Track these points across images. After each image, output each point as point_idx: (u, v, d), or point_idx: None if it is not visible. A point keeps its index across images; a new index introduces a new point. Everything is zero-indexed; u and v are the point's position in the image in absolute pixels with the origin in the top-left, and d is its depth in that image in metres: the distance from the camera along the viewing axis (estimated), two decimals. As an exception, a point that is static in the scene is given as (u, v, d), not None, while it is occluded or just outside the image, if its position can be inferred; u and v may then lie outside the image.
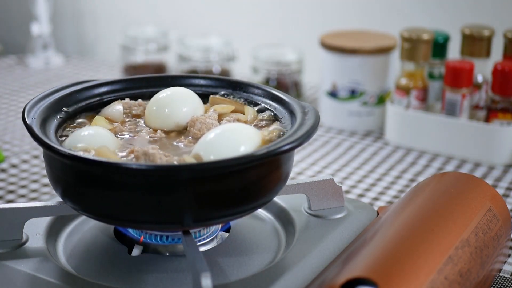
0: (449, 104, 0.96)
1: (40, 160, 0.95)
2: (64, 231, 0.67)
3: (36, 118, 0.61)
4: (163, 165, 0.55)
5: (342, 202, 0.70)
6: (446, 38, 1.03)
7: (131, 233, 0.64)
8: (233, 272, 0.61)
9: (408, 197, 0.67)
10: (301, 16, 1.35)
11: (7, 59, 1.42)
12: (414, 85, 0.99)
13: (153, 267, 0.61)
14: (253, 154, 0.56)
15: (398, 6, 1.26)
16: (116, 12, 1.52)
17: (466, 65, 0.94)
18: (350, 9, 1.30)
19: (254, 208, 0.60)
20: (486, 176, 0.92)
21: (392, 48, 1.05)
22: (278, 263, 0.61)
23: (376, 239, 0.59)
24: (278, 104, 0.66)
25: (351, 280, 0.52)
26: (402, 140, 1.01)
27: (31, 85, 1.28)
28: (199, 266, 0.53)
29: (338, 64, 1.05)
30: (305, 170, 0.94)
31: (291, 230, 0.67)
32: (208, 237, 0.64)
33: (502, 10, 1.17)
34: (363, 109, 1.06)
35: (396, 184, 0.90)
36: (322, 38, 1.08)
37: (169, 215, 0.57)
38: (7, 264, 0.60)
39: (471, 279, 0.58)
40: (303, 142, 0.58)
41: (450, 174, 0.71)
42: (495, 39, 1.00)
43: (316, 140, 1.04)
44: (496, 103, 0.94)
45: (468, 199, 0.65)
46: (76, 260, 0.63)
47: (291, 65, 1.15)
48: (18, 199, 0.84)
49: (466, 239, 0.59)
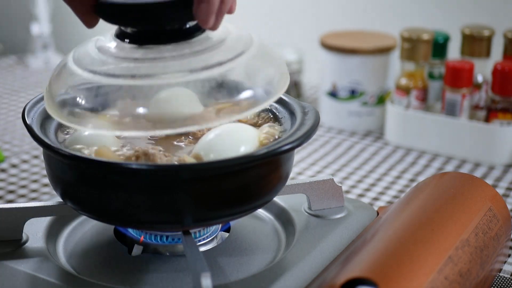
0: (449, 104, 0.96)
1: (40, 160, 0.95)
2: (64, 231, 0.67)
3: (36, 118, 0.61)
4: (163, 165, 0.55)
5: (342, 202, 0.70)
6: (446, 38, 1.03)
7: (131, 233, 0.64)
8: (233, 272, 0.61)
9: (408, 197, 0.67)
10: (301, 16, 1.35)
11: (7, 59, 1.42)
12: (414, 85, 0.99)
13: (153, 267, 0.61)
14: (253, 154, 0.56)
15: (398, 6, 1.26)
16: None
17: (466, 65, 0.94)
18: (350, 9, 1.30)
19: (254, 208, 0.60)
20: (486, 176, 0.92)
21: (392, 48, 1.05)
22: (278, 263, 0.61)
23: (376, 239, 0.59)
24: (278, 104, 0.66)
25: (351, 280, 0.52)
26: (402, 140, 1.01)
27: (31, 85, 1.28)
28: (199, 266, 0.53)
29: (338, 64, 1.05)
30: (305, 170, 0.94)
31: (291, 230, 0.67)
32: (208, 237, 0.64)
33: (502, 10, 1.17)
34: (363, 109, 1.06)
35: (396, 184, 0.90)
36: (322, 38, 1.08)
37: (169, 215, 0.57)
38: (7, 264, 0.60)
39: (471, 279, 0.58)
40: (303, 142, 0.58)
41: (450, 174, 0.71)
42: (495, 39, 1.00)
43: (316, 140, 1.04)
44: (496, 103, 0.94)
45: (468, 199, 0.65)
46: (76, 260, 0.63)
47: (291, 65, 1.15)
48: (18, 199, 0.84)
49: (466, 239, 0.59)
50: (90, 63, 0.58)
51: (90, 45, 0.60)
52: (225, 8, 0.55)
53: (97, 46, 0.59)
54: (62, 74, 0.59)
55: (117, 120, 0.56)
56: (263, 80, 0.59)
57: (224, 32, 0.59)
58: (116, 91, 0.56)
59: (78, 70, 0.58)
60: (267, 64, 0.60)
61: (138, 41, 0.58)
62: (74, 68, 0.58)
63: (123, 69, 0.56)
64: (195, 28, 0.58)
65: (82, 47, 0.60)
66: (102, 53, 0.58)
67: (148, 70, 0.56)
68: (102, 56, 0.58)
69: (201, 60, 0.57)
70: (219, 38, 0.59)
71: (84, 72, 0.57)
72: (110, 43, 0.59)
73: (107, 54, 0.58)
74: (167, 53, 0.57)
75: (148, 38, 0.58)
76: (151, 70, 0.56)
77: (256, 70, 0.59)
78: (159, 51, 0.57)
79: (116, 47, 0.58)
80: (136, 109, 0.56)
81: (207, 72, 0.56)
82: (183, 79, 0.56)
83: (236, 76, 0.57)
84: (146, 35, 0.58)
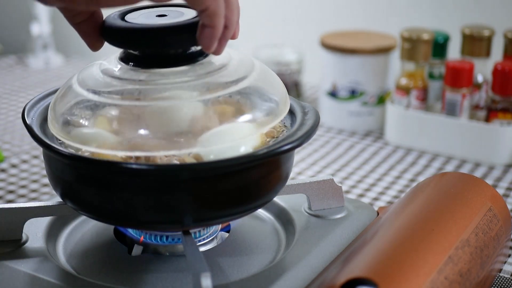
0: (449, 104, 0.96)
1: (40, 160, 0.95)
2: (64, 231, 0.67)
3: (36, 118, 0.61)
4: (163, 165, 0.55)
5: (342, 202, 0.70)
6: (446, 38, 1.03)
7: (131, 233, 0.64)
8: (233, 272, 0.61)
9: (408, 197, 0.67)
10: (301, 16, 1.35)
11: (7, 59, 1.42)
12: (414, 85, 0.99)
13: (153, 267, 0.61)
14: (253, 154, 0.56)
15: (398, 6, 1.26)
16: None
17: (466, 65, 0.94)
18: (350, 9, 1.30)
19: (254, 208, 0.60)
20: (486, 176, 0.92)
21: (392, 48, 1.05)
22: (278, 263, 0.61)
23: (376, 239, 0.59)
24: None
25: (351, 280, 0.52)
26: (402, 140, 1.01)
27: (31, 85, 1.28)
28: (199, 266, 0.53)
29: (338, 64, 1.05)
30: (305, 170, 0.94)
31: (291, 230, 0.67)
32: (208, 237, 0.64)
33: (502, 10, 1.17)
34: (363, 109, 1.06)
35: (396, 184, 0.90)
36: (322, 38, 1.08)
37: (169, 215, 0.57)
38: (7, 264, 0.60)
39: (471, 279, 0.58)
40: (303, 142, 0.58)
41: (450, 174, 0.71)
42: (495, 39, 1.00)
43: (316, 140, 1.04)
44: (496, 103, 0.94)
45: (468, 199, 0.65)
46: (76, 260, 0.63)
47: (291, 65, 1.15)
48: (18, 199, 0.84)
49: (466, 239, 0.59)
50: (95, 85, 0.59)
51: (95, 68, 0.61)
52: (229, 34, 0.56)
53: (101, 69, 0.60)
54: (67, 95, 0.60)
55: (121, 140, 0.56)
56: (265, 104, 0.59)
57: (226, 57, 0.61)
58: (121, 112, 0.57)
59: (83, 91, 0.59)
60: (269, 87, 0.61)
61: (142, 64, 0.59)
62: (79, 89, 0.59)
63: (127, 91, 0.57)
64: (199, 52, 0.60)
65: (86, 70, 0.61)
66: (106, 76, 0.59)
67: (152, 92, 0.57)
68: (107, 78, 0.59)
69: (205, 83, 0.58)
70: (221, 62, 0.60)
71: (89, 93, 0.58)
72: (114, 66, 0.60)
73: (111, 76, 0.59)
74: (171, 76, 0.58)
75: (152, 62, 0.59)
76: (155, 93, 0.57)
77: (259, 93, 0.59)
78: (163, 74, 0.58)
79: (120, 70, 0.59)
80: (140, 130, 0.56)
81: (210, 95, 0.57)
82: (187, 101, 0.57)
83: (238, 99, 0.58)
84: (150, 58, 0.59)
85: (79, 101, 0.58)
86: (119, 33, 0.57)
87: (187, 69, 0.59)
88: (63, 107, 0.59)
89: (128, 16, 0.59)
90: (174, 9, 0.60)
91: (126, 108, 0.57)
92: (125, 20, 0.58)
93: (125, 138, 0.56)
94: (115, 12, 0.60)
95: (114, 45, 0.59)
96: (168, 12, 0.59)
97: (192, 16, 0.58)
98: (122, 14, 0.59)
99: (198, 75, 0.58)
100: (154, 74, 0.58)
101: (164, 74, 0.58)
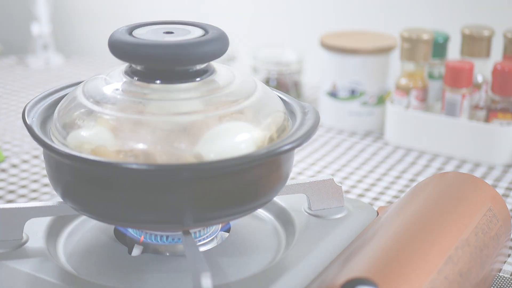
0: (449, 104, 0.96)
1: (40, 160, 0.95)
2: (64, 231, 0.67)
3: (36, 118, 0.61)
4: (163, 165, 0.55)
5: (342, 202, 0.70)
6: (446, 38, 1.03)
7: (131, 233, 0.64)
8: (233, 272, 0.61)
9: (408, 197, 0.67)
10: (301, 16, 1.35)
11: (7, 59, 1.42)
12: (414, 85, 0.99)
13: (153, 267, 0.61)
14: (253, 154, 0.56)
15: (398, 6, 1.26)
16: (116, 12, 1.52)
17: (466, 65, 0.94)
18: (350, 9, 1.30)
19: (254, 208, 0.60)
20: (486, 176, 0.92)
21: (392, 48, 1.05)
22: (278, 263, 0.61)
23: (376, 239, 0.59)
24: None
25: (351, 280, 0.52)
26: (402, 140, 1.01)
27: (31, 85, 1.28)
28: (199, 266, 0.53)
29: (338, 64, 1.05)
30: (305, 170, 0.94)
31: (291, 230, 0.67)
32: (208, 237, 0.64)
33: (502, 10, 1.17)
34: (363, 109, 1.06)
35: (396, 184, 0.90)
36: (322, 38, 1.08)
37: (169, 215, 0.57)
38: (7, 264, 0.60)
39: (471, 279, 0.58)
40: (303, 142, 0.58)
41: (450, 174, 0.71)
42: (495, 39, 1.00)
43: (316, 140, 1.04)
44: (496, 103, 0.94)
45: (468, 199, 0.65)
46: (76, 260, 0.63)
47: (291, 65, 1.15)
48: (18, 199, 0.84)
49: (466, 239, 0.59)
50: (99, 97, 0.59)
51: (99, 80, 0.61)
52: None
53: (106, 81, 0.61)
54: (71, 105, 0.60)
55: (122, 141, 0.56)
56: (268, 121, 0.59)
57: (230, 76, 0.62)
58: (124, 124, 0.57)
59: (87, 102, 0.59)
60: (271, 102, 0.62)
61: (146, 79, 0.59)
62: (83, 100, 0.59)
63: (131, 103, 0.58)
64: (204, 70, 0.61)
65: (90, 82, 0.62)
66: (110, 88, 0.60)
67: (155, 106, 0.57)
68: (111, 91, 0.59)
69: (209, 100, 0.58)
70: (225, 81, 0.61)
71: (93, 105, 0.58)
72: (119, 79, 0.60)
73: (116, 89, 0.59)
74: (175, 92, 0.58)
75: (156, 77, 0.59)
76: (158, 107, 0.57)
77: (262, 111, 0.60)
78: (167, 89, 0.58)
79: (125, 84, 0.60)
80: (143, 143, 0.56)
81: (215, 112, 0.57)
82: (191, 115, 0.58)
83: (241, 117, 0.58)
84: (155, 73, 0.60)
85: (83, 112, 0.59)
86: (125, 47, 0.58)
87: (191, 86, 0.59)
88: (66, 118, 0.59)
89: (135, 31, 0.60)
90: (181, 27, 0.61)
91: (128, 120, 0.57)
92: (133, 35, 0.59)
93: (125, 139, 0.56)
94: (122, 27, 0.61)
95: (120, 59, 0.60)
96: (175, 30, 0.61)
97: (198, 34, 0.59)
98: (130, 29, 0.61)
99: (203, 91, 0.59)
100: (158, 89, 0.58)
101: (169, 90, 0.58)
